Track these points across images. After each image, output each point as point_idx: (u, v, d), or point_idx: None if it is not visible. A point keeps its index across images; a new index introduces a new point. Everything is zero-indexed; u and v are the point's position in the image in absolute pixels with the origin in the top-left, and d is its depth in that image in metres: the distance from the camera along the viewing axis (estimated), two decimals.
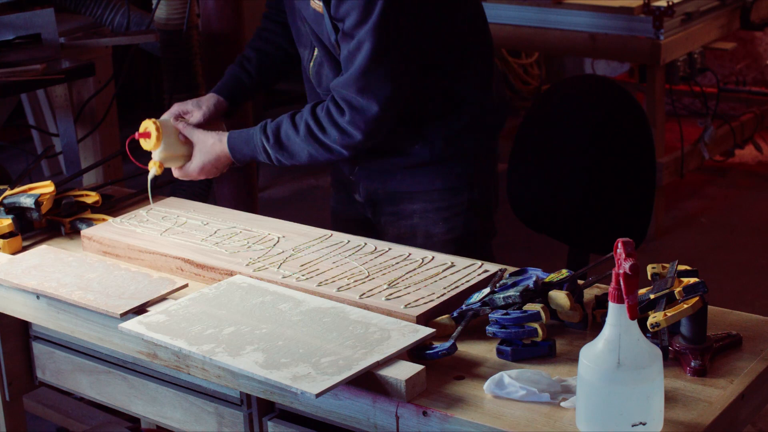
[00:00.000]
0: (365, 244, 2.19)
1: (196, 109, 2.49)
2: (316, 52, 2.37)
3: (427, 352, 1.78)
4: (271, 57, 2.58)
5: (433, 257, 2.11)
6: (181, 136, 2.43)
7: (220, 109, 2.53)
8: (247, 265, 2.12)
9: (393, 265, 2.09)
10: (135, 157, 2.43)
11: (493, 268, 2.05)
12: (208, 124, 2.48)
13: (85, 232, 2.33)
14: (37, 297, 2.13)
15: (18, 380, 2.33)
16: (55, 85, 3.86)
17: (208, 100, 2.52)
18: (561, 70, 6.47)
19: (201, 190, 4.09)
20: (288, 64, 2.59)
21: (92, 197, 2.51)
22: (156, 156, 2.42)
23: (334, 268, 2.09)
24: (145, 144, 2.42)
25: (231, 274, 2.10)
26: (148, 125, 2.41)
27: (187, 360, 1.93)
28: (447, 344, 1.78)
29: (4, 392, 2.32)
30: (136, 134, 2.41)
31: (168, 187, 3.82)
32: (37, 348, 2.28)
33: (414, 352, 1.79)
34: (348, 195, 2.58)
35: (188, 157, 2.43)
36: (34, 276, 2.13)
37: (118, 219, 2.39)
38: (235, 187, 4.12)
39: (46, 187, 2.43)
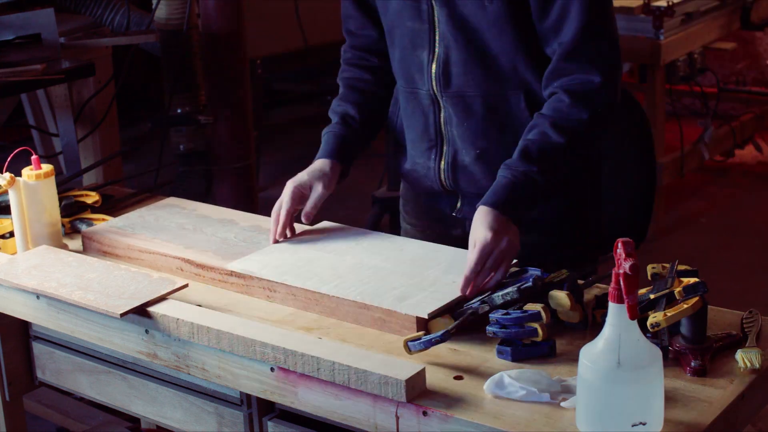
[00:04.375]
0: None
1: (317, 180, 2.25)
2: (437, 51, 2.19)
3: (421, 339, 1.79)
4: (372, 110, 2.36)
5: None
6: None
7: (337, 170, 2.28)
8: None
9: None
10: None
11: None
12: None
13: (85, 232, 2.33)
14: (37, 297, 2.12)
15: (18, 380, 2.32)
16: (55, 85, 3.86)
17: (322, 165, 2.27)
18: None
19: (201, 190, 4.10)
20: (385, 110, 2.40)
21: (92, 197, 2.51)
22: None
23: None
24: None
25: (231, 274, 2.10)
26: None
27: (187, 360, 1.94)
28: (440, 333, 1.79)
29: (4, 392, 2.32)
30: None
31: (168, 187, 3.82)
32: (37, 348, 2.28)
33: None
34: (440, 234, 2.34)
35: None
36: (34, 276, 2.13)
37: (117, 219, 2.39)
38: (235, 187, 4.12)
39: None
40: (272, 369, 1.82)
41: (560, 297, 1.86)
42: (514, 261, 2.03)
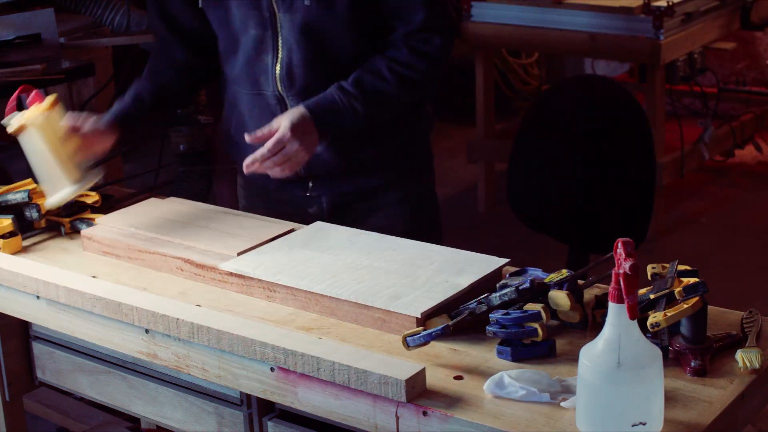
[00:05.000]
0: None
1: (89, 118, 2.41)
2: (281, 54, 2.38)
3: (420, 334, 1.79)
4: (164, 100, 2.58)
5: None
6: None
7: (112, 129, 2.44)
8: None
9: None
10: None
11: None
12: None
13: (85, 232, 2.33)
14: (37, 297, 2.13)
15: (18, 380, 2.32)
16: (55, 85, 3.86)
17: (100, 117, 2.44)
18: (561, 70, 6.47)
19: (201, 190, 4.10)
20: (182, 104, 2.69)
21: (92, 197, 2.51)
22: (33, 117, 2.27)
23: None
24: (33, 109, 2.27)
25: (231, 274, 2.10)
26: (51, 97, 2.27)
27: (187, 360, 1.94)
28: (439, 327, 1.79)
29: (4, 392, 2.32)
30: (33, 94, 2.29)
31: (168, 187, 3.82)
32: (37, 348, 2.28)
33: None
34: (293, 213, 2.47)
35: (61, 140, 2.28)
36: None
37: (115, 214, 2.38)
38: (235, 187, 4.11)
39: (27, 185, 2.43)
40: (272, 369, 1.82)
41: (560, 297, 1.86)
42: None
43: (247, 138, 2.26)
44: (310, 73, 2.37)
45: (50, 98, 2.28)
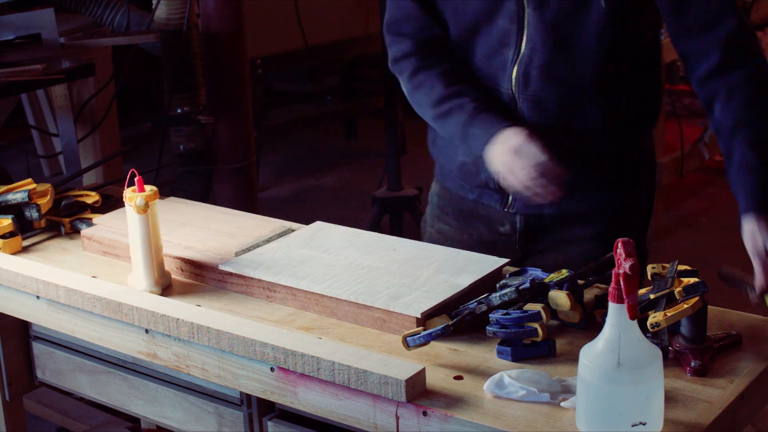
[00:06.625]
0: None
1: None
2: (523, 49, 2.17)
3: (420, 334, 1.79)
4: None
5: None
6: None
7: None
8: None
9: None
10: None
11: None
12: None
13: (85, 232, 2.33)
14: (37, 297, 2.13)
15: (18, 380, 2.33)
16: (55, 85, 3.87)
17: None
18: None
19: (201, 190, 4.10)
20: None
21: (92, 197, 2.52)
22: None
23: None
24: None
25: (231, 274, 2.10)
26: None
27: (187, 360, 1.94)
28: (440, 327, 1.79)
29: (4, 392, 2.32)
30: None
31: (168, 187, 3.82)
32: (37, 348, 2.28)
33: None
34: (484, 233, 2.34)
35: None
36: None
37: (113, 214, 2.38)
38: (235, 187, 4.13)
39: (27, 185, 2.43)
40: (272, 369, 1.82)
41: (560, 297, 1.86)
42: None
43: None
44: (548, 78, 2.16)
45: (154, 188, 2.12)
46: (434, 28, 2.27)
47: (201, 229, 2.31)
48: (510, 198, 2.28)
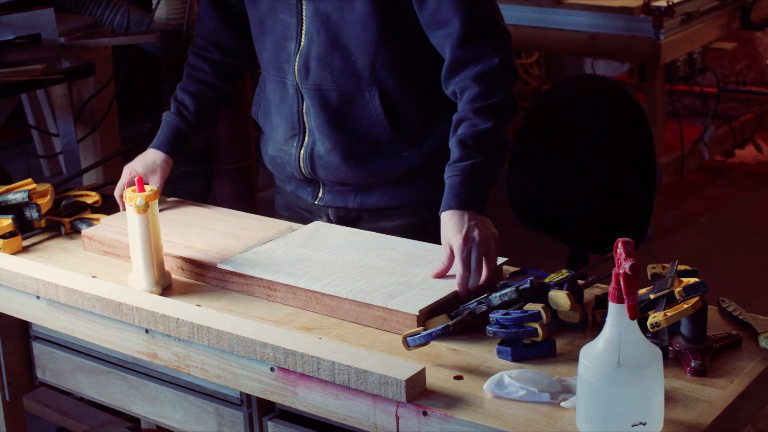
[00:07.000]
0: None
1: (151, 174, 2.42)
2: (303, 42, 2.31)
3: (420, 334, 1.79)
4: (208, 100, 2.52)
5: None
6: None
7: (169, 165, 2.46)
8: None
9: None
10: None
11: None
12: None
13: (86, 232, 2.33)
14: (37, 297, 2.13)
15: (18, 380, 2.33)
16: (55, 85, 3.86)
17: (155, 158, 2.43)
18: (561, 70, 6.47)
19: (201, 190, 4.09)
20: (223, 101, 2.57)
21: (92, 197, 2.52)
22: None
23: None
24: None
25: (231, 273, 2.10)
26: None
27: (187, 360, 1.94)
28: (440, 327, 1.79)
29: (4, 392, 2.32)
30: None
31: (168, 187, 3.82)
32: (37, 348, 2.28)
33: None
34: (308, 222, 2.39)
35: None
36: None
37: (114, 216, 2.38)
38: (235, 187, 4.12)
39: (27, 185, 2.43)
40: (272, 369, 1.82)
41: (560, 297, 1.86)
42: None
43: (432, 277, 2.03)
44: (325, 68, 2.28)
45: (154, 188, 2.13)
46: (213, 18, 2.49)
47: (206, 230, 2.31)
48: (320, 191, 2.41)
